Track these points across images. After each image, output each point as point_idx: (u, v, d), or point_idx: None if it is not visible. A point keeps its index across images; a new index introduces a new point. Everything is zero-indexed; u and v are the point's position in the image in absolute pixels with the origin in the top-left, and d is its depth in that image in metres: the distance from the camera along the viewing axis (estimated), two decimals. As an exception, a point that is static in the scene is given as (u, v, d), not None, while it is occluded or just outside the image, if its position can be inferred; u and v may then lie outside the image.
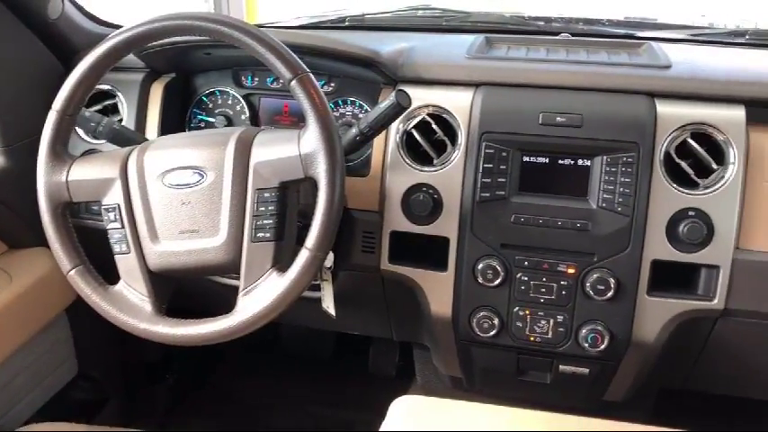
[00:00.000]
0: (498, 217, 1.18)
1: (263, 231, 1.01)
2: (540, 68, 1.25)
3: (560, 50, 1.35)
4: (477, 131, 1.18)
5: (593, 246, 1.16)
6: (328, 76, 1.35)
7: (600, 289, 1.16)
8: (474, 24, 1.55)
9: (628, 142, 1.13)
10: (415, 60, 1.27)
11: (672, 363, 1.29)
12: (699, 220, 1.12)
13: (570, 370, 1.25)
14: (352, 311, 1.41)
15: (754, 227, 1.13)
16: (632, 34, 1.49)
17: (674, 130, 1.13)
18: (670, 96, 1.16)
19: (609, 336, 1.17)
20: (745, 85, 1.17)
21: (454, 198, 1.20)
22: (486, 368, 1.32)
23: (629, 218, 1.13)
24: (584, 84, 1.20)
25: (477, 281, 1.20)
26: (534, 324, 1.21)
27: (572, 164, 1.17)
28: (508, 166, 1.17)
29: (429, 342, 1.43)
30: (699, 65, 1.26)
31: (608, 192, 1.14)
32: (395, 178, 1.23)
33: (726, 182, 1.12)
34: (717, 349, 1.26)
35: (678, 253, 1.14)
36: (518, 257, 1.19)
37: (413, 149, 1.23)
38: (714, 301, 1.15)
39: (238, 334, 1.00)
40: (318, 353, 2.02)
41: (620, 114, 1.14)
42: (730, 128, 1.12)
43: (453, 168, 1.20)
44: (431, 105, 1.22)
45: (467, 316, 1.23)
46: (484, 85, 1.22)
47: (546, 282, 1.19)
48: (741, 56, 1.40)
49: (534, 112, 1.16)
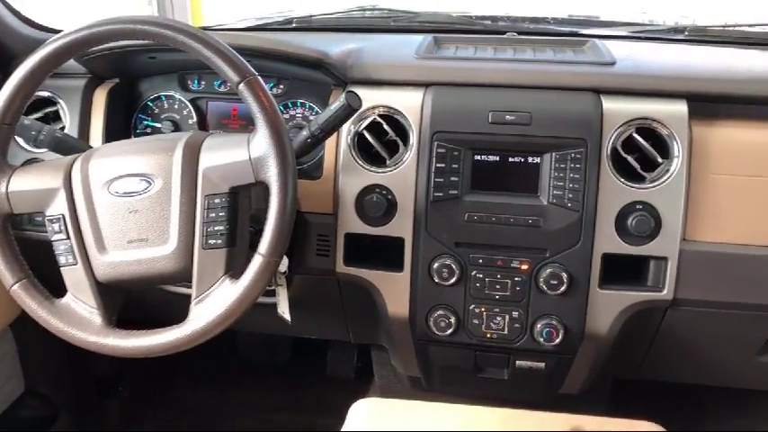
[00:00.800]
0: (452, 216, 1.19)
1: (214, 238, 1.00)
2: (488, 67, 1.26)
3: (507, 49, 1.36)
4: (428, 131, 1.18)
5: (545, 241, 1.17)
6: (277, 79, 1.34)
7: (553, 284, 1.17)
8: (422, 24, 1.55)
9: (576, 139, 1.15)
10: (365, 61, 1.27)
11: (625, 353, 1.32)
12: (646, 213, 1.14)
13: (527, 365, 1.26)
14: (309, 316, 1.40)
15: (700, 218, 1.16)
16: (577, 32, 1.52)
17: (620, 126, 1.15)
18: (615, 92, 1.18)
19: (563, 329, 1.19)
20: (686, 80, 1.20)
21: (408, 198, 1.20)
22: (444, 367, 1.33)
23: (578, 213, 1.15)
24: (531, 82, 1.21)
25: (432, 280, 1.20)
26: (490, 321, 1.21)
27: (522, 161, 1.18)
28: (460, 165, 1.18)
29: (387, 343, 1.43)
30: (642, 61, 1.29)
31: (558, 188, 1.16)
32: (348, 180, 1.22)
33: (671, 175, 1.15)
34: (667, 338, 1.29)
35: (627, 246, 1.16)
36: (472, 255, 1.19)
37: (365, 151, 1.23)
38: (663, 291, 1.18)
39: (192, 344, 0.98)
40: (276, 358, 2.00)
41: (568, 111, 1.16)
42: (673, 122, 1.15)
43: (406, 168, 1.20)
44: (381, 106, 1.22)
45: (424, 315, 1.23)
46: (433, 84, 1.22)
47: (500, 278, 1.20)
48: (681, 51, 1.44)
49: (484, 111, 1.17)
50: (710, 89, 1.19)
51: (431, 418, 0.97)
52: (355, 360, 1.90)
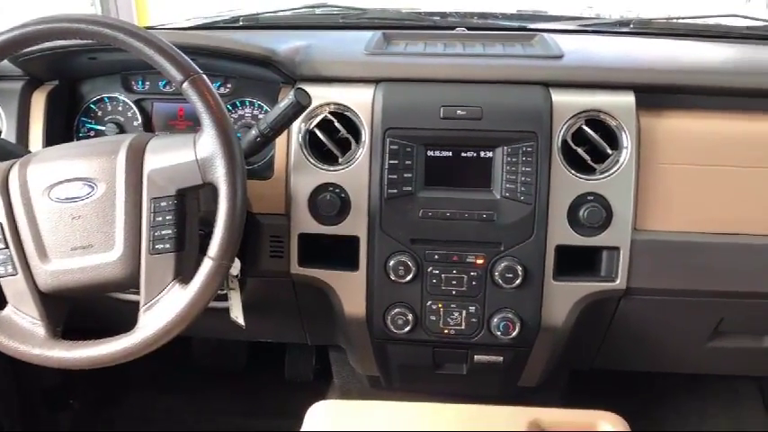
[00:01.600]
0: (406, 213, 1.18)
1: (161, 242, 0.97)
2: (438, 63, 1.26)
3: (457, 44, 1.36)
4: (380, 128, 1.17)
5: (499, 235, 1.17)
6: (224, 77, 1.31)
7: (508, 277, 1.17)
8: (371, 21, 1.54)
9: (526, 132, 1.15)
10: (313, 58, 1.25)
11: (581, 344, 1.33)
12: (598, 204, 1.15)
13: (485, 359, 1.26)
14: (264, 319, 1.37)
15: (650, 208, 1.18)
16: (525, 26, 1.53)
17: (570, 118, 1.16)
18: (564, 85, 1.19)
19: (520, 322, 1.19)
20: (633, 72, 1.22)
21: (362, 196, 1.19)
22: (402, 365, 1.32)
23: (531, 206, 1.15)
24: (481, 76, 1.21)
25: (389, 278, 1.19)
26: (447, 317, 1.21)
27: (475, 156, 1.18)
28: (413, 161, 1.17)
29: (344, 343, 1.41)
30: (589, 54, 1.31)
31: (510, 182, 1.16)
32: (300, 179, 1.20)
33: (620, 166, 1.16)
34: (621, 328, 1.31)
35: (580, 237, 1.17)
36: (428, 252, 1.19)
37: (317, 149, 1.21)
38: (616, 281, 1.19)
39: (142, 352, 0.95)
40: (232, 363, 1.97)
41: (518, 105, 1.16)
42: (621, 113, 1.16)
43: (359, 166, 1.19)
44: (332, 103, 1.20)
45: (381, 314, 1.22)
46: (384, 81, 1.21)
47: (456, 274, 1.19)
48: (628, 44, 1.46)
49: (435, 107, 1.17)
50: (656, 80, 1.21)
51: (389, 418, 0.96)
52: (314, 362, 1.88)
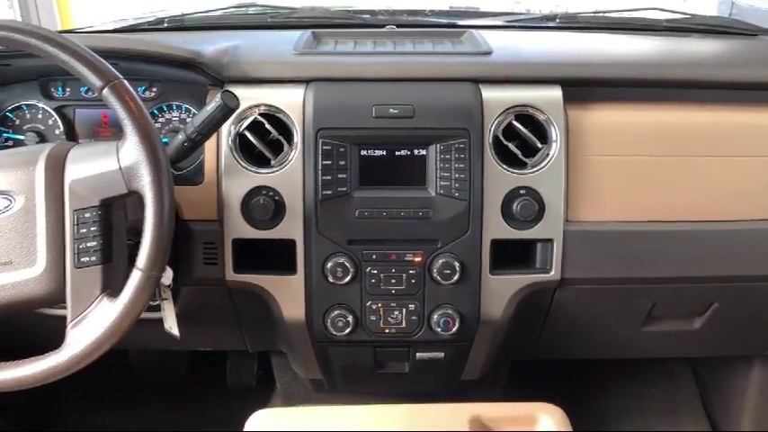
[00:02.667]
0: (342, 213, 1.17)
1: (87, 255, 0.93)
2: (368, 61, 1.25)
3: (387, 43, 1.36)
4: (312, 128, 1.16)
5: (435, 232, 1.18)
6: (149, 81, 1.27)
7: (446, 273, 1.18)
8: (300, 20, 1.52)
9: (458, 129, 1.15)
10: (241, 59, 1.23)
11: (520, 335, 1.35)
12: (530, 198, 1.17)
13: (427, 356, 1.27)
14: (201, 328, 1.34)
15: (580, 199, 1.20)
16: (455, 23, 1.54)
17: (500, 114, 1.17)
18: (493, 81, 1.20)
19: (459, 318, 1.20)
20: (559, 66, 1.24)
21: (296, 198, 1.17)
22: (344, 366, 1.31)
23: (466, 202, 1.16)
24: (412, 74, 1.21)
25: (327, 280, 1.18)
26: (388, 316, 1.21)
27: (408, 154, 1.17)
28: (347, 161, 1.16)
29: (286, 348, 1.39)
30: (517, 49, 1.32)
31: (444, 179, 1.16)
32: (231, 183, 1.17)
33: (550, 159, 1.18)
34: (558, 317, 1.33)
35: (514, 231, 1.19)
36: (366, 252, 1.18)
37: (248, 151, 1.19)
38: (551, 272, 1.21)
39: (70, 370, 0.91)
40: (172, 373, 1.92)
41: (449, 102, 1.17)
42: (550, 108, 1.18)
43: (292, 168, 1.17)
44: (262, 104, 1.18)
45: (320, 317, 1.20)
46: (314, 80, 1.20)
47: (395, 272, 1.19)
48: (555, 39, 1.49)
49: (367, 106, 1.16)
50: (582, 74, 1.23)
51: (329, 423, 0.95)
52: (256, 368, 1.85)
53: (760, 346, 1.50)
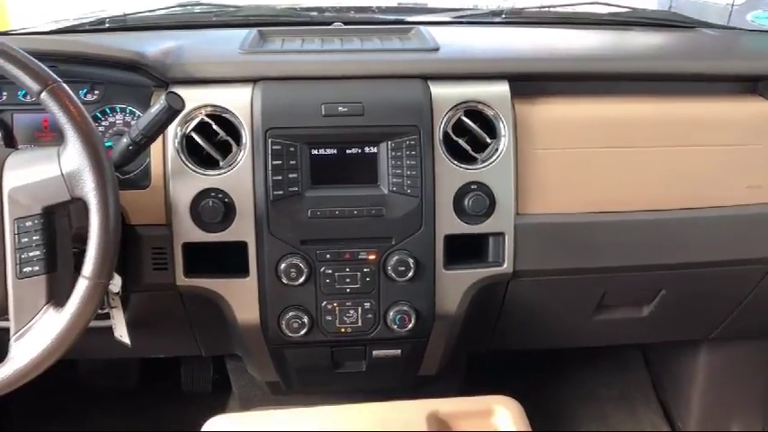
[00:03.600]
0: (294, 213, 1.15)
1: (30, 265, 0.90)
2: (316, 59, 1.24)
3: (335, 40, 1.35)
4: (260, 129, 1.14)
5: (389, 230, 1.17)
6: (91, 84, 1.23)
7: (401, 270, 1.18)
8: (245, 18, 1.50)
9: (408, 126, 1.15)
10: (186, 59, 1.20)
11: (475, 329, 1.36)
12: (481, 193, 1.18)
13: (383, 354, 1.26)
14: (153, 334, 1.31)
15: (530, 192, 1.21)
16: (402, 20, 1.54)
17: (449, 110, 1.18)
18: (441, 78, 1.20)
19: (415, 314, 1.20)
20: (506, 62, 1.25)
21: (246, 200, 1.16)
22: (301, 368, 1.30)
23: (418, 198, 1.16)
24: (360, 72, 1.20)
25: (281, 281, 1.17)
26: (343, 315, 1.20)
27: (360, 152, 1.17)
28: (297, 160, 1.15)
29: (241, 351, 1.37)
30: (464, 45, 1.33)
31: (396, 176, 1.16)
32: (179, 186, 1.15)
33: (500, 154, 1.19)
34: (512, 309, 1.35)
35: (467, 225, 1.19)
36: (319, 251, 1.17)
37: (196, 153, 1.16)
38: (504, 265, 1.22)
39: (15, 385, 0.88)
40: (125, 381, 1.87)
41: (398, 99, 1.17)
42: (498, 103, 1.19)
43: (241, 169, 1.15)
44: (208, 105, 1.16)
45: (275, 319, 1.19)
46: (262, 80, 1.18)
47: (350, 272, 1.18)
48: (501, 34, 1.50)
49: (316, 104, 1.15)
50: (528, 69, 1.25)
51: (287, 425, 0.94)
52: (211, 372, 1.82)
53: (706, 331, 1.54)
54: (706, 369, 1.72)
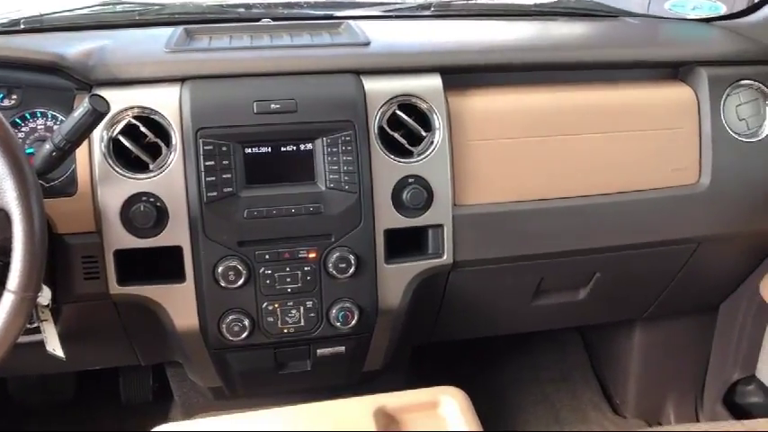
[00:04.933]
0: (230, 215, 1.13)
1: None
2: (245, 56, 1.22)
3: (264, 36, 1.33)
4: (191, 129, 1.11)
5: (328, 226, 1.17)
6: (8, 89, 1.17)
7: (342, 267, 1.17)
8: (171, 16, 1.45)
9: (343, 121, 1.15)
10: (109, 60, 1.16)
11: (418, 321, 1.37)
12: (419, 186, 1.18)
13: (328, 352, 1.26)
14: (88, 346, 1.27)
15: (466, 183, 1.23)
16: (331, 15, 1.52)
17: (383, 104, 1.18)
18: (374, 72, 1.20)
19: (358, 310, 1.20)
20: (437, 55, 1.25)
21: (179, 203, 1.13)
22: (244, 371, 1.28)
23: (356, 194, 1.16)
24: (291, 68, 1.19)
25: (219, 285, 1.15)
26: (285, 315, 1.19)
27: (295, 149, 1.15)
28: (231, 160, 1.12)
29: (181, 358, 1.34)
30: (395, 39, 1.33)
31: (333, 172, 1.15)
32: (108, 192, 1.11)
33: (435, 147, 1.19)
34: (454, 300, 1.36)
35: (406, 219, 1.20)
36: (258, 252, 1.15)
37: (124, 157, 1.13)
38: (444, 257, 1.23)
39: None
40: (60, 396, 1.80)
41: (331, 95, 1.16)
42: (431, 96, 1.20)
43: (172, 171, 1.12)
44: (135, 107, 1.12)
45: (215, 323, 1.17)
46: (190, 79, 1.15)
47: (290, 271, 1.17)
48: (431, 27, 1.51)
49: (248, 102, 1.13)
50: (459, 61, 1.26)
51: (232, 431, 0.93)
52: (151, 381, 1.77)
53: (640, 311, 1.60)
54: (641, 347, 1.78)
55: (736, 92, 1.32)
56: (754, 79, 1.33)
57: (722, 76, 1.32)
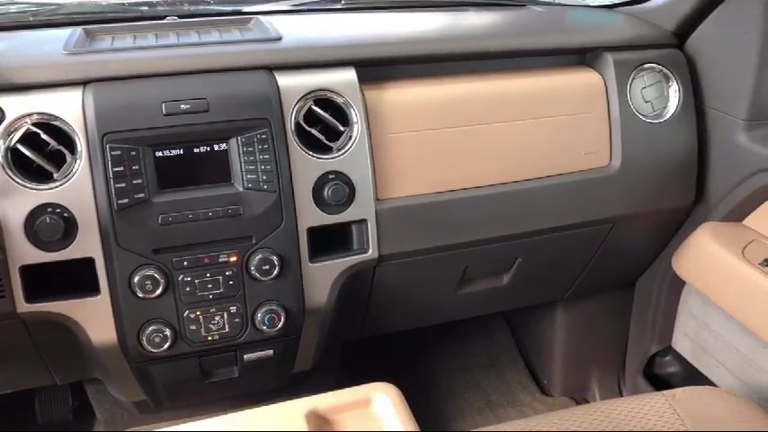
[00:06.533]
0: (143, 222, 1.09)
1: None
2: (152, 56, 1.17)
3: (170, 35, 1.28)
4: (96, 134, 1.06)
5: (249, 228, 1.14)
6: None
7: (265, 269, 1.14)
8: (68, 17, 1.38)
9: (258, 119, 1.12)
10: (3, 64, 1.08)
11: (346, 318, 1.36)
12: (339, 182, 1.17)
13: (255, 356, 1.23)
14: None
15: (388, 177, 1.22)
16: (239, 10, 1.49)
17: (299, 100, 1.16)
18: (287, 67, 1.18)
19: (284, 312, 1.18)
20: (350, 48, 1.24)
21: (89, 212, 1.07)
22: (168, 383, 1.23)
23: (276, 193, 1.13)
24: (201, 66, 1.15)
25: (136, 295, 1.10)
26: (209, 323, 1.15)
27: (208, 150, 1.12)
28: (141, 165, 1.08)
29: (100, 374, 1.28)
30: (307, 34, 1.31)
31: (251, 172, 1.12)
32: (10, 204, 1.04)
33: (354, 141, 1.18)
34: (381, 294, 1.36)
35: (328, 216, 1.18)
36: (176, 259, 1.11)
37: (25, 167, 1.06)
38: (369, 252, 1.23)
39: None
40: None
41: (245, 92, 1.13)
42: (346, 90, 1.18)
43: (79, 180, 1.06)
44: (34, 113, 1.06)
45: (134, 335, 1.12)
46: (93, 81, 1.10)
47: (211, 277, 1.13)
48: (343, 21, 1.49)
49: (156, 103, 1.08)
50: (373, 54, 1.25)
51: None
52: (71, 400, 1.69)
53: (561, 292, 1.64)
54: (564, 327, 1.84)
55: (640, 75, 1.37)
56: (656, 62, 1.38)
57: (627, 60, 1.36)
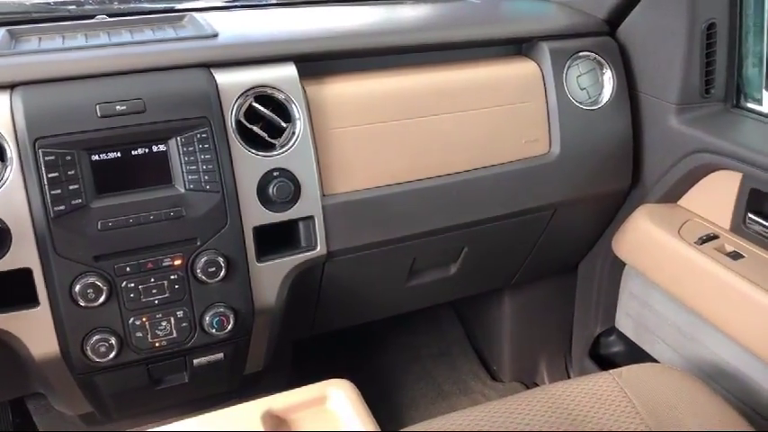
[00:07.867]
0: (82, 228, 1.05)
1: None
2: (83, 56, 1.13)
3: (101, 34, 1.24)
4: (27, 139, 1.01)
5: (192, 230, 1.11)
6: None
7: (211, 271, 1.12)
8: (-11, 18, 1.32)
9: (197, 118, 1.09)
10: None
11: (297, 316, 1.35)
12: (284, 179, 1.15)
13: (205, 360, 1.21)
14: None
15: (333, 172, 1.21)
16: (172, 8, 1.45)
17: (238, 97, 1.13)
18: (225, 64, 1.15)
19: (233, 314, 1.16)
20: (288, 43, 1.23)
21: (23, 221, 1.03)
22: (116, 393, 1.19)
23: (219, 193, 1.11)
24: (135, 65, 1.12)
25: (78, 305, 1.06)
26: (155, 329, 1.12)
27: (147, 152, 1.09)
28: (77, 169, 1.04)
29: (43, 388, 1.23)
30: (243, 30, 1.29)
31: (192, 172, 1.10)
32: None
33: (297, 137, 1.17)
34: (331, 290, 1.36)
35: (274, 214, 1.17)
36: (118, 266, 1.08)
37: (-50, 178, 1.01)
38: (317, 248, 1.22)
39: None
40: None
41: (182, 91, 1.10)
42: (287, 86, 1.17)
43: (11, 188, 1.02)
44: None
45: (78, 346, 1.08)
46: (21, 85, 1.05)
47: (155, 281, 1.11)
48: (280, 16, 1.48)
49: (90, 106, 1.05)
50: (311, 48, 1.24)
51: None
52: (10, 417, 1.62)
53: (506, 279, 1.67)
54: (511, 313, 1.87)
55: (575, 63, 1.40)
56: (590, 50, 1.41)
57: (562, 49, 1.39)
